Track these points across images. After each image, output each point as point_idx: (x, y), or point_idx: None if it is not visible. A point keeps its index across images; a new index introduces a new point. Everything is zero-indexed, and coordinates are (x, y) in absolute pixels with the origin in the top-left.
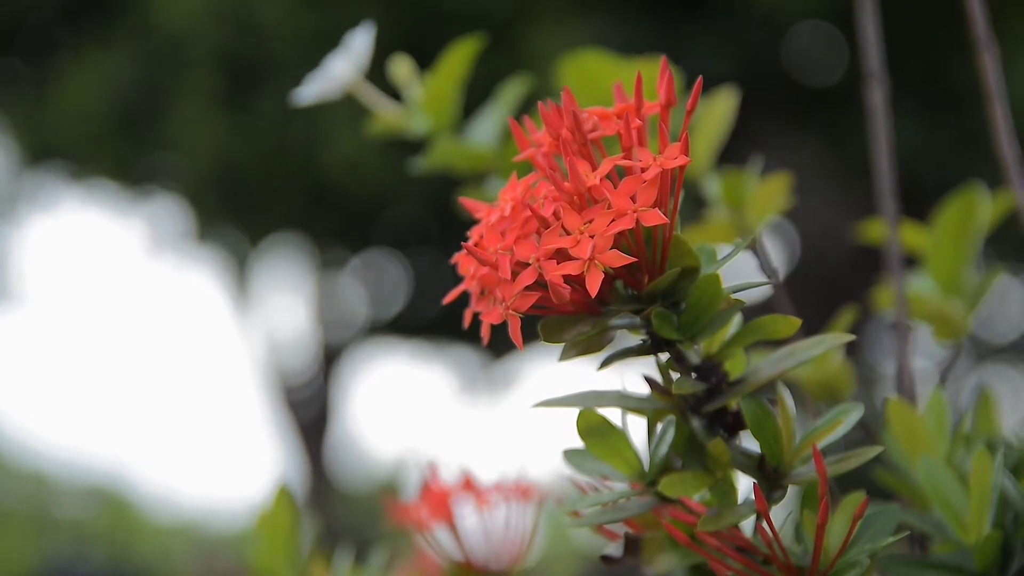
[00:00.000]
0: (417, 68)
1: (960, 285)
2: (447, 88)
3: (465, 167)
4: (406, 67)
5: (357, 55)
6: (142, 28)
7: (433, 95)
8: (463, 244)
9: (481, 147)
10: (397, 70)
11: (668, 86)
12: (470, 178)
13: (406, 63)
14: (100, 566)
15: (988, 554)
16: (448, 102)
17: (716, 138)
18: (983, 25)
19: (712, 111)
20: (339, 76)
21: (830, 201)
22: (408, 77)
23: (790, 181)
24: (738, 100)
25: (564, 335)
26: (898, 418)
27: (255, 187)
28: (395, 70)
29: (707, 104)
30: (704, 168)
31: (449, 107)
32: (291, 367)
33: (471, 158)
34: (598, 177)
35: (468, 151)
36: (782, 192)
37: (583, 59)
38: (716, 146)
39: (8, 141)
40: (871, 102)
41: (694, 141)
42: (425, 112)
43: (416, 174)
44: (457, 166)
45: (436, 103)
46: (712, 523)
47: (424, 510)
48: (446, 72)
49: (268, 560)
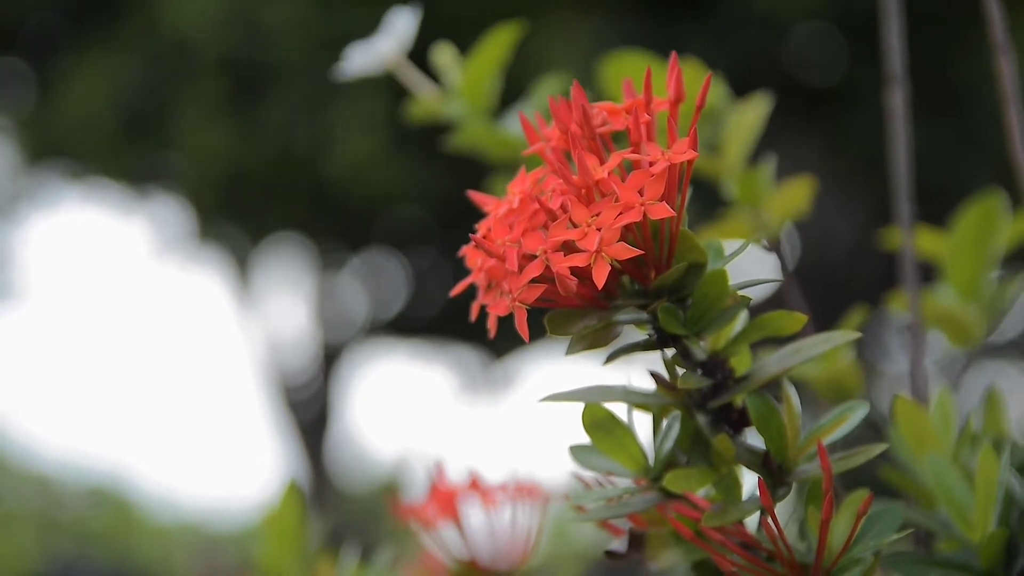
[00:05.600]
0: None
1: (979, 292)
2: (484, 73)
3: (496, 153)
4: (448, 53)
5: (401, 34)
6: (147, 30)
7: (471, 80)
8: (471, 236)
9: (511, 135)
10: (439, 55)
11: (677, 82)
12: (498, 166)
13: (448, 49)
14: (102, 566)
15: (993, 552)
16: (485, 87)
17: (747, 142)
18: (1001, 28)
19: (745, 116)
20: (383, 53)
21: (830, 201)
22: (448, 62)
23: (812, 184)
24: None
25: (570, 328)
26: (905, 416)
27: (258, 189)
28: (437, 55)
29: (740, 110)
30: (735, 171)
31: (486, 92)
32: (291, 367)
33: (503, 145)
34: (606, 171)
35: (499, 137)
36: (804, 195)
37: (625, 59)
38: (747, 150)
39: (11, 141)
40: (891, 106)
41: (727, 145)
42: (463, 96)
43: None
44: (489, 151)
45: (473, 88)
46: (717, 519)
47: (431, 509)
48: (484, 58)
49: (275, 559)
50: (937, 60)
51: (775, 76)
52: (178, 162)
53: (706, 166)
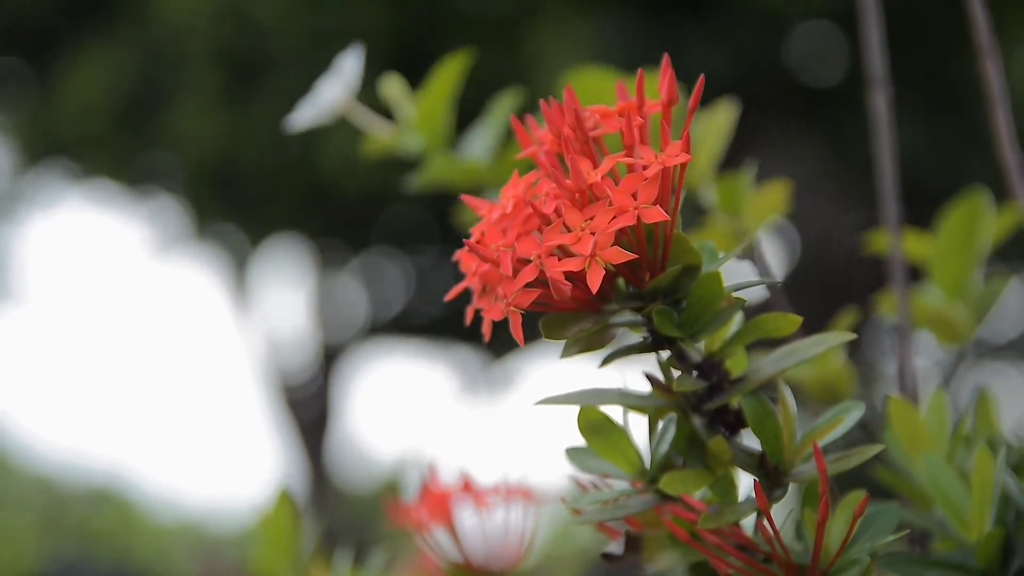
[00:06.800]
0: (413, 77)
1: (965, 291)
2: (438, 106)
3: (460, 183)
4: (397, 86)
5: (348, 78)
6: (143, 24)
7: (425, 113)
8: (465, 241)
9: (475, 162)
10: (388, 89)
11: (669, 85)
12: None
13: (396, 82)
14: (103, 566)
15: (990, 552)
16: (440, 119)
17: (717, 148)
18: (986, 31)
19: (713, 122)
20: (331, 100)
21: (831, 201)
22: (399, 96)
23: (789, 187)
24: (738, 109)
25: (565, 332)
26: (899, 417)
27: (254, 184)
28: (386, 89)
29: (707, 115)
30: (705, 178)
31: (441, 124)
32: (291, 367)
33: (466, 173)
34: (599, 174)
35: (462, 166)
36: (781, 198)
37: (585, 75)
38: (717, 156)
39: (9, 140)
40: (874, 108)
41: (696, 152)
42: (418, 130)
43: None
44: (453, 181)
45: (428, 121)
46: (713, 521)
47: (423, 511)
48: (437, 90)
49: (269, 562)
50: (939, 60)
51: (775, 76)
52: (175, 157)
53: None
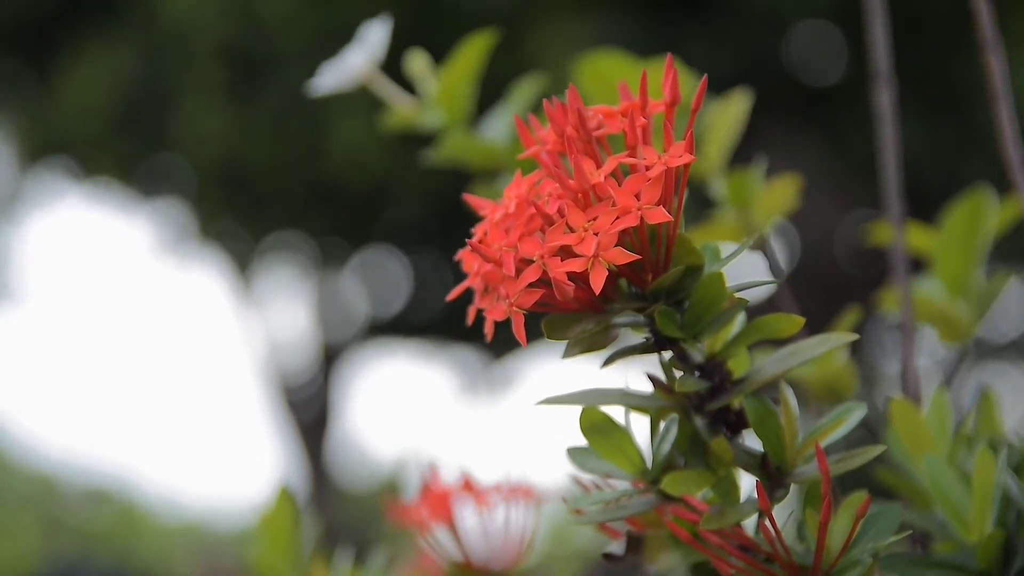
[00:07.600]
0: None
1: (968, 288)
2: (461, 82)
3: (477, 162)
4: (421, 61)
5: (373, 47)
6: (146, 22)
7: (447, 89)
8: (467, 241)
9: (494, 143)
10: (412, 64)
11: (673, 84)
12: (481, 174)
13: (422, 57)
14: (104, 566)
15: (990, 553)
16: (461, 96)
17: (728, 140)
18: (990, 26)
19: (725, 113)
20: (355, 68)
21: (831, 200)
22: (423, 71)
23: (798, 182)
24: (750, 102)
25: (568, 332)
26: (901, 417)
27: (258, 182)
28: (410, 64)
29: (720, 106)
30: (716, 170)
31: (463, 101)
32: (292, 367)
33: (484, 153)
34: (603, 175)
35: (481, 147)
36: (790, 193)
37: (598, 60)
38: (728, 148)
39: (11, 139)
40: (878, 104)
41: (707, 143)
42: (439, 106)
43: (427, 166)
44: (470, 161)
45: (450, 97)
46: (715, 521)
47: (424, 511)
48: (460, 66)
49: (269, 561)
50: (940, 60)
51: (775, 76)
52: (178, 156)
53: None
